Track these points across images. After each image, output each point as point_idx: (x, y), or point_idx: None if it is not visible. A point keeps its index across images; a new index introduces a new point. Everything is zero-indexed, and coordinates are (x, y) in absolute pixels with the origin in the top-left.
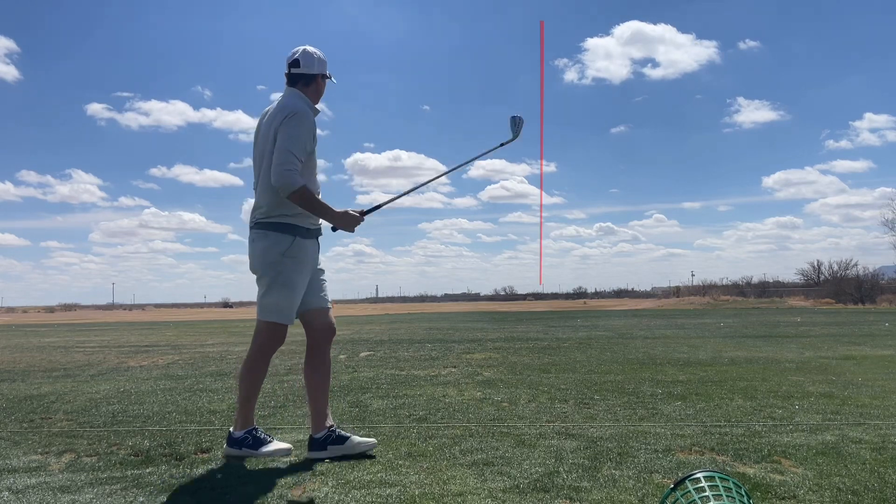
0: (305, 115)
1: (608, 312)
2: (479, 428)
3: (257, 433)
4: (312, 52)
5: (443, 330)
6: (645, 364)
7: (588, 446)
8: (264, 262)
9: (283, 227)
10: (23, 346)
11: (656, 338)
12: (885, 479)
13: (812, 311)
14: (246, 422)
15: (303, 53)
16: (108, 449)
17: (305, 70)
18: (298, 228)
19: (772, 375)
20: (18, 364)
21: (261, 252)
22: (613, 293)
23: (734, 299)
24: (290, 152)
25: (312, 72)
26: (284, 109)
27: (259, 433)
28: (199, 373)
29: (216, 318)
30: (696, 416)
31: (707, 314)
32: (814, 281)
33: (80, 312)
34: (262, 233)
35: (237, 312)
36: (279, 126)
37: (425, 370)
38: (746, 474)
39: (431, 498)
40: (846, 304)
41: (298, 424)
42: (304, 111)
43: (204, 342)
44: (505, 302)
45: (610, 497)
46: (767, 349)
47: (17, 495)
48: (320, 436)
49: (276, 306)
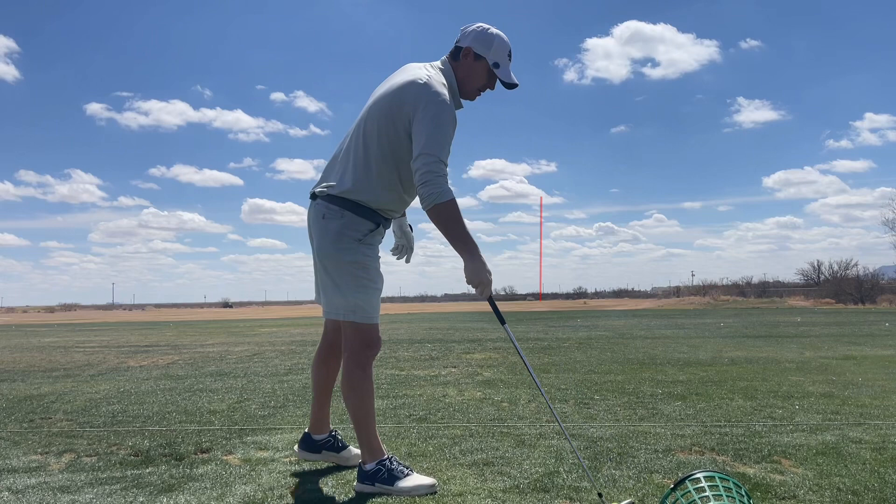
0: (449, 105)
1: (608, 312)
2: (479, 428)
3: (391, 463)
4: (486, 27)
5: (443, 330)
6: (645, 364)
7: (588, 446)
8: (341, 248)
9: (365, 213)
10: (23, 346)
11: (656, 338)
12: (885, 479)
13: (812, 311)
14: (373, 451)
15: (476, 27)
16: (107, 449)
17: (463, 43)
18: (383, 219)
19: (772, 375)
20: (18, 364)
21: (335, 234)
22: (613, 293)
23: (734, 299)
24: (439, 149)
25: (466, 45)
26: (430, 87)
27: (394, 463)
28: (198, 373)
29: (216, 319)
30: (696, 416)
31: (707, 314)
32: (814, 281)
33: (80, 312)
34: (339, 211)
35: (237, 312)
36: (424, 107)
37: (425, 370)
38: (746, 474)
39: (431, 498)
40: (846, 304)
41: (299, 424)
42: (448, 98)
43: (204, 342)
44: (505, 302)
45: (610, 497)
46: (767, 349)
47: (17, 495)
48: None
49: (355, 305)
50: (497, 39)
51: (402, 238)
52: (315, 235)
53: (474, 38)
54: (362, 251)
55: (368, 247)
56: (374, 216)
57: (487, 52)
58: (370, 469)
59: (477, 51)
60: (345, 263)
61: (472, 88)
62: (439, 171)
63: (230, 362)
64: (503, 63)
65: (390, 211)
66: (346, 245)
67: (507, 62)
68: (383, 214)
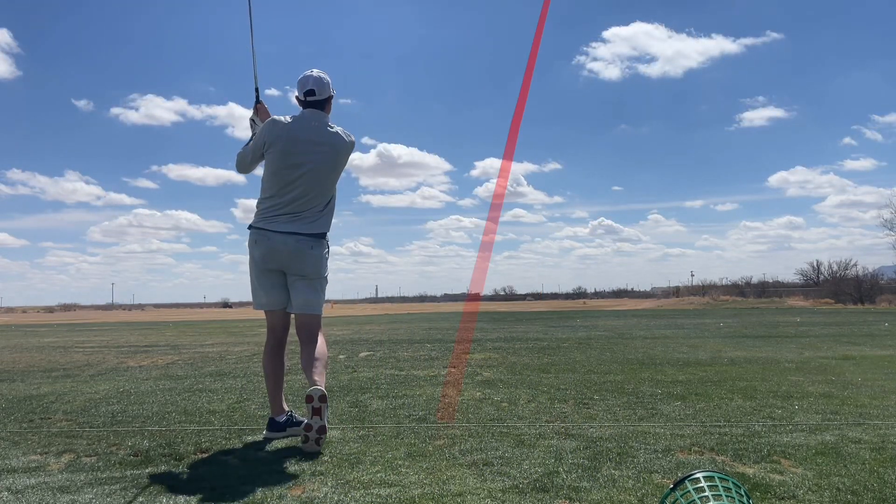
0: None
1: (608, 312)
2: (479, 428)
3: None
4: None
5: (443, 330)
6: (644, 364)
7: (588, 446)
8: (324, 267)
9: (327, 237)
10: (22, 346)
11: (656, 338)
12: (885, 479)
13: (811, 311)
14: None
15: (320, 79)
16: (107, 449)
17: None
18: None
19: (771, 375)
20: (18, 364)
21: (322, 259)
22: (613, 293)
23: (734, 299)
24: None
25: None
26: (349, 138)
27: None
28: (198, 373)
29: (215, 319)
30: (696, 416)
31: (707, 314)
32: (813, 281)
33: (80, 312)
34: (321, 242)
35: (237, 312)
36: (346, 157)
37: (425, 370)
38: (746, 474)
39: (431, 498)
40: (846, 304)
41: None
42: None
43: (203, 342)
44: (505, 302)
45: (609, 497)
46: (767, 349)
47: (17, 495)
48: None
49: (322, 303)
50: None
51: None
52: (304, 261)
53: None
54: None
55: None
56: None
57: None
58: (283, 420)
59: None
60: (324, 276)
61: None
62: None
63: (230, 362)
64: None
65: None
66: (326, 265)
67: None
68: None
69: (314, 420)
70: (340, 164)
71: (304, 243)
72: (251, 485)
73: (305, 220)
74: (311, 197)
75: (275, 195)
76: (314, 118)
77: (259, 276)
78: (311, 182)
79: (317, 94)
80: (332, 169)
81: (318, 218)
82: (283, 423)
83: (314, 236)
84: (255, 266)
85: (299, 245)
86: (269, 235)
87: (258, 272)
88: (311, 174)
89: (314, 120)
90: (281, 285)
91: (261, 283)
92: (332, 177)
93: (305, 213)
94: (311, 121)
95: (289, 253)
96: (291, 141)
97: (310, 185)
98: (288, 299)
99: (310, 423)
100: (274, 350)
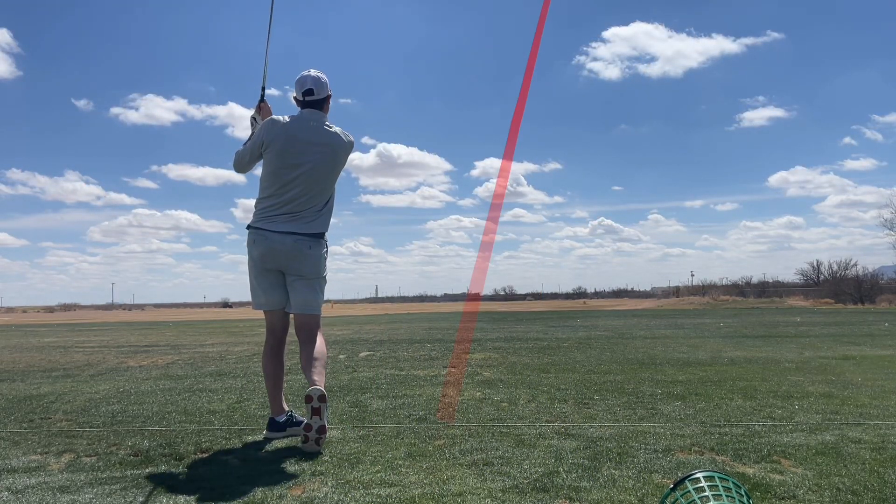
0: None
1: (608, 312)
2: (479, 428)
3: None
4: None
5: (443, 330)
6: (645, 364)
7: (588, 446)
8: (323, 267)
9: (325, 237)
10: (22, 346)
11: (656, 338)
12: (885, 479)
13: (811, 311)
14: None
15: (318, 79)
16: (107, 449)
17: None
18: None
19: (771, 375)
20: (18, 364)
21: (321, 259)
22: (613, 293)
23: (734, 299)
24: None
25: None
26: (348, 138)
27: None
28: (198, 373)
29: (215, 318)
30: (696, 416)
31: (707, 314)
32: (813, 281)
33: (80, 312)
34: (320, 242)
35: (237, 312)
36: (345, 157)
37: (425, 370)
38: (746, 474)
39: (431, 498)
40: (846, 304)
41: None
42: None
43: (203, 342)
44: (505, 302)
45: (610, 497)
46: (767, 349)
47: (17, 495)
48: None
49: (321, 303)
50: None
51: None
52: (303, 262)
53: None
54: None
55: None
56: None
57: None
58: (282, 420)
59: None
60: (323, 276)
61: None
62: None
63: (230, 362)
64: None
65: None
66: (325, 264)
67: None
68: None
69: (314, 420)
70: (339, 163)
71: (302, 243)
72: (251, 485)
73: (304, 219)
74: (310, 197)
75: (273, 195)
76: (313, 118)
77: (258, 276)
78: (310, 182)
79: (315, 93)
80: (331, 169)
81: (317, 218)
82: (283, 422)
83: (313, 236)
84: (253, 266)
85: (298, 245)
86: (267, 235)
87: (257, 272)
88: (309, 174)
89: (313, 120)
90: (280, 285)
91: (260, 283)
92: (331, 177)
93: (304, 212)
94: (309, 120)
95: (287, 253)
96: (290, 141)
97: (308, 184)
98: (287, 299)
99: (309, 423)
100: (273, 350)
